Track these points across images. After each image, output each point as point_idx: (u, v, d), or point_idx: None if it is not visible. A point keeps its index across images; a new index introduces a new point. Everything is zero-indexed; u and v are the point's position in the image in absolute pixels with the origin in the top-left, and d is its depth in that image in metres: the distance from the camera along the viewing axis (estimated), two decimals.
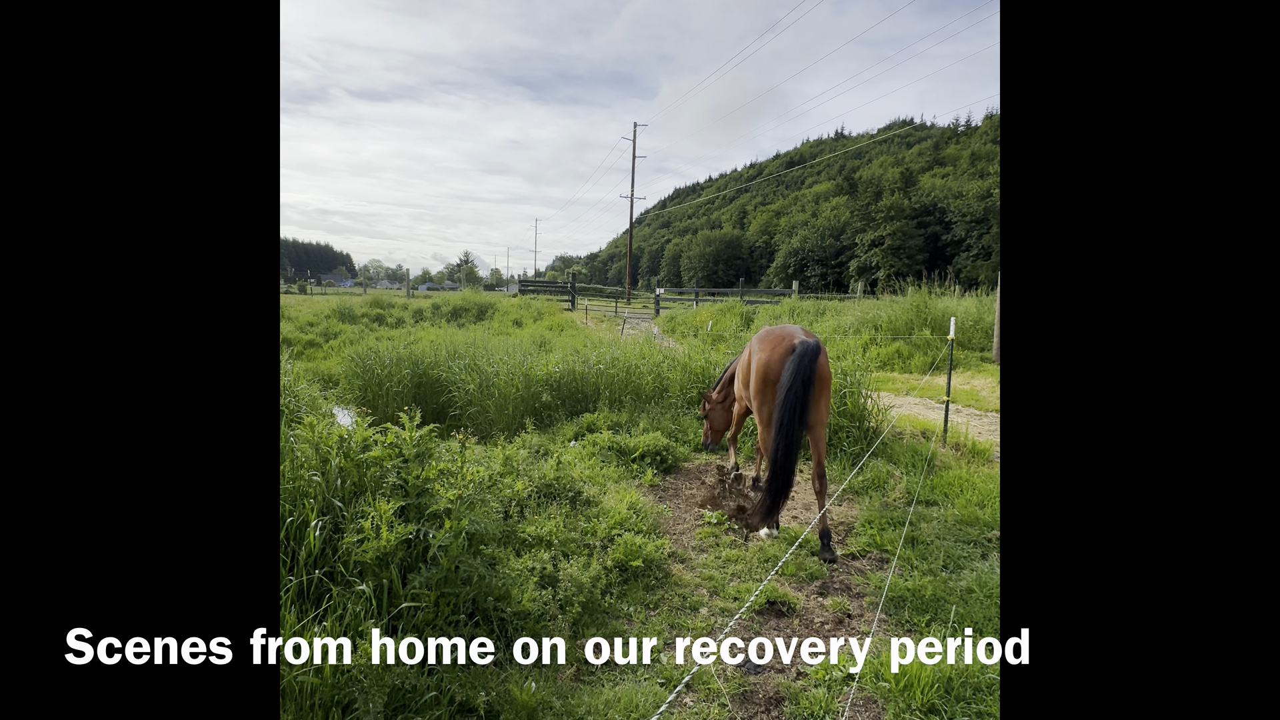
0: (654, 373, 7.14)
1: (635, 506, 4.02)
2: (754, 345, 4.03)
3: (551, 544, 3.28)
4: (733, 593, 3.25)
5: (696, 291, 26.03)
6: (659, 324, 19.62)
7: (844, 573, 3.55)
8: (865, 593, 3.33)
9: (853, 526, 4.20)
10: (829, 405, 3.82)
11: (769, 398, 3.76)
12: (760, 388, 3.81)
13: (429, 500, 2.71)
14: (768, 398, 3.77)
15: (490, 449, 4.68)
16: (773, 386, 3.72)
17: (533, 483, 3.98)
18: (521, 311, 18.67)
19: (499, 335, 12.45)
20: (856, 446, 5.51)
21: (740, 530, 4.13)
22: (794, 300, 16.98)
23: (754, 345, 4.03)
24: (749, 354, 4.13)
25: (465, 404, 6.96)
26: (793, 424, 3.46)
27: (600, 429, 5.89)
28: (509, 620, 2.62)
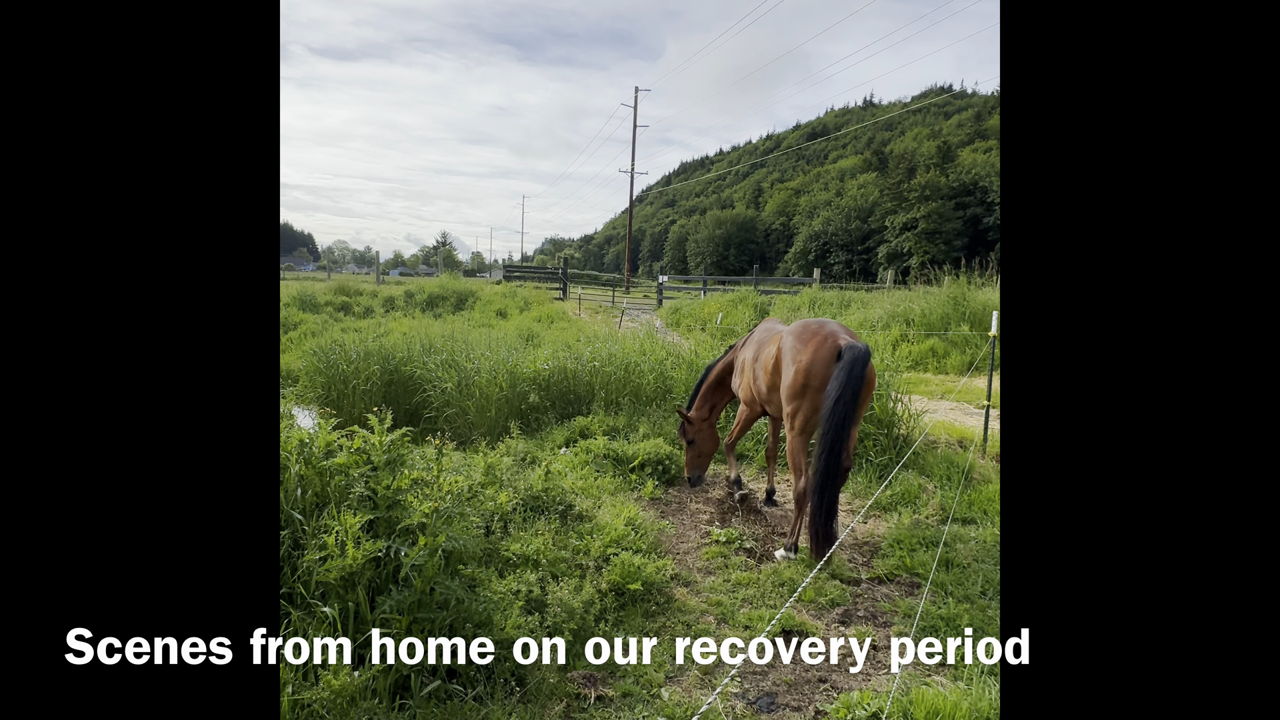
0: (656, 371, 7.16)
1: (634, 522, 4.04)
2: (787, 341, 3.97)
3: (539, 564, 3.29)
4: (743, 620, 3.26)
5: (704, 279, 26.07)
6: (662, 316, 19.66)
7: (869, 599, 3.56)
8: (893, 621, 3.35)
9: (879, 547, 4.21)
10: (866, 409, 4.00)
11: (807, 404, 3.79)
12: (798, 391, 3.82)
13: (401, 514, 2.72)
14: (805, 404, 3.80)
15: (470, 456, 4.69)
16: (815, 393, 3.74)
17: (518, 494, 3.99)
18: (506, 301, 18.68)
19: (480, 327, 12.46)
20: (884, 457, 5.53)
21: (754, 550, 4.14)
22: (815, 290, 17.01)
23: (787, 341, 3.97)
24: (776, 350, 4.08)
25: (442, 405, 6.97)
26: (840, 440, 3.51)
27: (594, 434, 5.90)
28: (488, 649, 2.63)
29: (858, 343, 3.70)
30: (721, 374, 5.02)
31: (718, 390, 5.05)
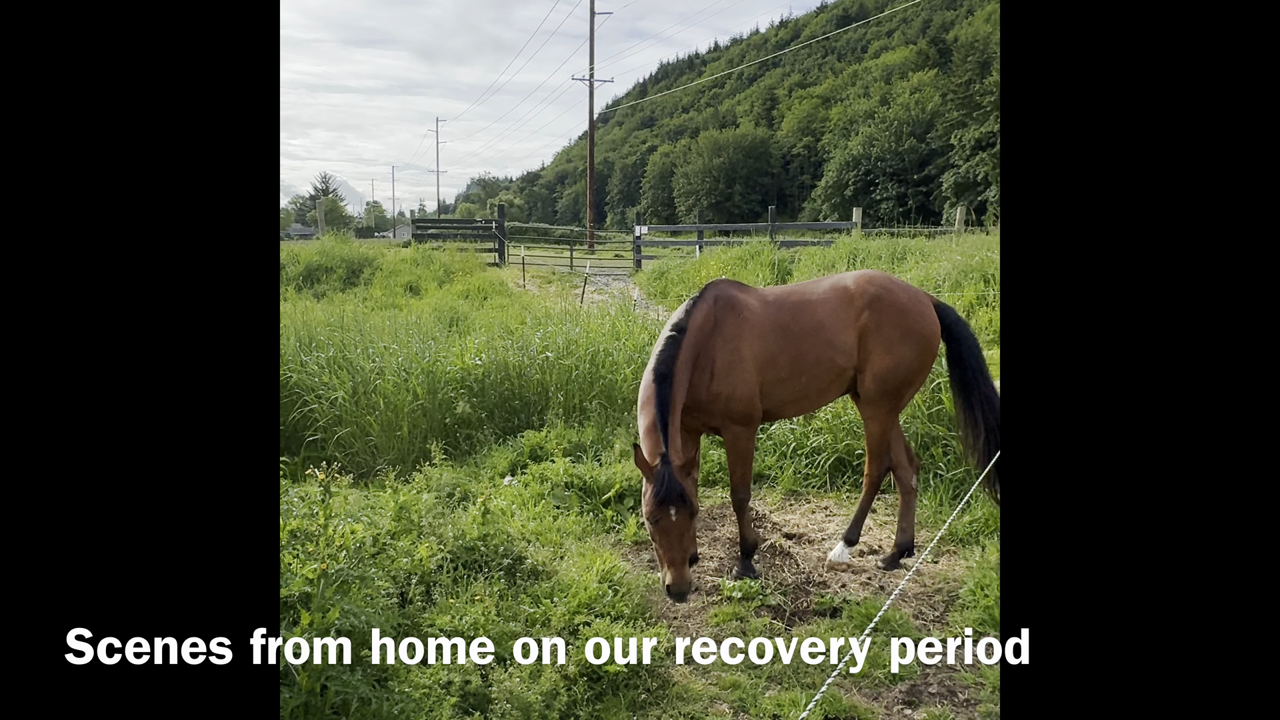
0: (636, 362, 7.16)
1: (611, 578, 4.04)
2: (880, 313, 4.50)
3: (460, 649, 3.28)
4: (770, 708, 3.29)
5: (700, 229, 26.14)
6: (641, 283, 19.68)
7: (944, 669, 3.61)
8: (979, 699, 3.39)
9: (956, 595, 4.26)
10: None
11: (923, 377, 4.69)
12: (926, 365, 4.62)
13: None
14: (923, 377, 4.68)
15: (374, 494, 4.65)
16: (931, 361, 4.68)
17: (445, 546, 3.97)
18: (419, 270, 18.57)
19: (383, 310, 12.37)
20: (959, 469, 5.59)
21: (781, 608, 4.17)
22: (856, 237, 17.12)
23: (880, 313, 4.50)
24: (859, 326, 4.50)
25: (331, 423, 6.92)
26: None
27: (551, 455, 5.90)
28: None
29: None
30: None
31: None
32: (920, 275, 12.42)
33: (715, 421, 4.38)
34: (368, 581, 2.97)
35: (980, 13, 78.79)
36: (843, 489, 5.93)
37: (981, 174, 51.27)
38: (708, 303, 4.35)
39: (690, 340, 4.20)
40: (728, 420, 4.36)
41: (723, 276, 4.68)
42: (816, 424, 6.25)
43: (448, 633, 3.32)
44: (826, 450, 6.12)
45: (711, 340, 4.26)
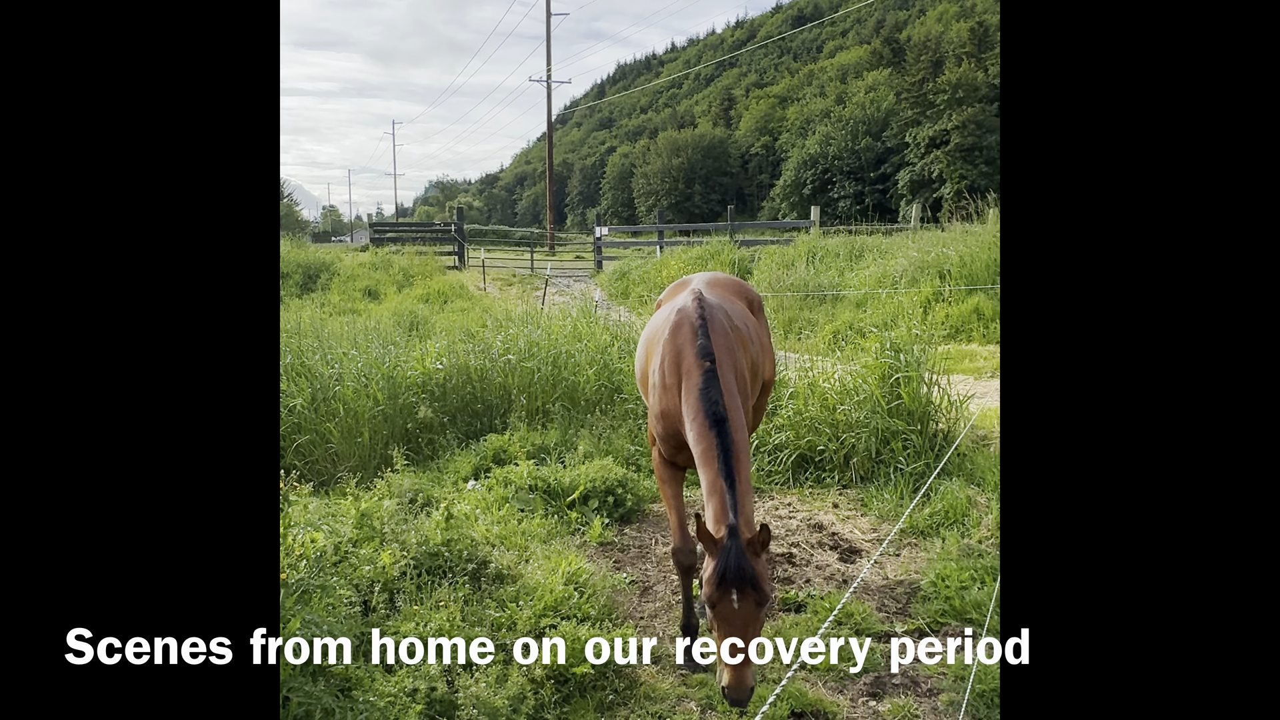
0: (598, 363, 7.17)
1: (577, 580, 4.04)
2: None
3: (441, 650, 3.26)
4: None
5: (660, 229, 26.17)
6: (603, 284, 19.69)
7: (907, 660, 3.66)
8: (941, 688, 3.45)
9: (917, 586, 4.33)
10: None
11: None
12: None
13: None
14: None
15: (334, 501, 4.60)
16: None
17: (408, 552, 3.94)
18: (377, 274, 18.42)
19: (341, 315, 12.23)
20: (919, 462, 5.68)
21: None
22: (815, 236, 17.30)
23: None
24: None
25: (290, 430, 6.81)
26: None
27: (515, 458, 5.88)
28: None
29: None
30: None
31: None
32: (877, 272, 12.58)
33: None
34: (329, 590, 2.94)
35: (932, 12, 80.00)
36: (805, 485, 5.99)
37: (936, 171, 52.02)
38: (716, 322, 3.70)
39: (726, 366, 3.53)
40: None
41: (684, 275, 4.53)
42: (779, 421, 6.31)
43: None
44: (789, 447, 6.18)
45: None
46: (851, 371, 6.57)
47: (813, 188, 61.55)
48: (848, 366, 6.84)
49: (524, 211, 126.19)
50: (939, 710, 3.31)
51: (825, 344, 10.04)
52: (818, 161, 62.17)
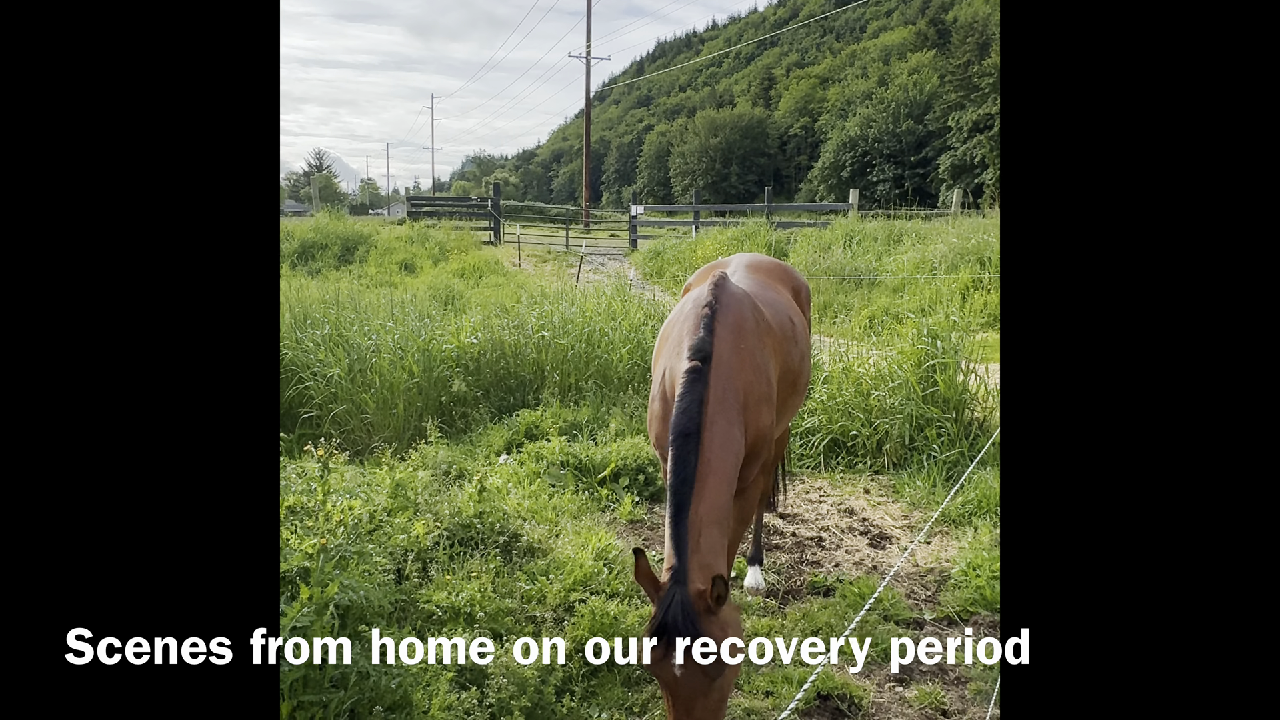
0: (631, 342, 7.17)
1: (606, 555, 4.07)
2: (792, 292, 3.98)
3: (475, 619, 3.31)
4: (764, 685, 3.33)
5: (696, 209, 26.04)
6: (636, 263, 19.64)
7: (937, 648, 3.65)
8: (970, 676, 3.44)
9: (948, 575, 4.31)
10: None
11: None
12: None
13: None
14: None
15: (370, 471, 4.66)
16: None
17: (441, 523, 3.99)
18: (413, 248, 18.51)
19: (378, 287, 12.33)
20: (953, 450, 5.63)
21: (775, 587, 4.21)
22: (853, 219, 17.10)
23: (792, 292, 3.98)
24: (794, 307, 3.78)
25: (327, 400, 6.91)
26: None
27: (547, 434, 5.91)
28: None
29: None
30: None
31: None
32: (915, 257, 12.42)
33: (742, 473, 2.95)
34: (365, 557, 2.99)
35: None
36: (836, 469, 5.97)
37: (979, 156, 51.10)
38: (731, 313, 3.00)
39: (728, 369, 2.84)
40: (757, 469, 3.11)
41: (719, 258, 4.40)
42: (811, 405, 6.28)
43: (445, 610, 3.35)
44: (821, 431, 6.16)
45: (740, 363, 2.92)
46: (887, 357, 6.52)
47: (852, 170, 60.83)
48: (883, 352, 6.78)
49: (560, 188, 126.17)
50: (966, 699, 3.30)
51: (860, 329, 9.96)
52: (857, 144, 61.38)
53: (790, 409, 3.50)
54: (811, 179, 67.30)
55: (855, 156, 61.41)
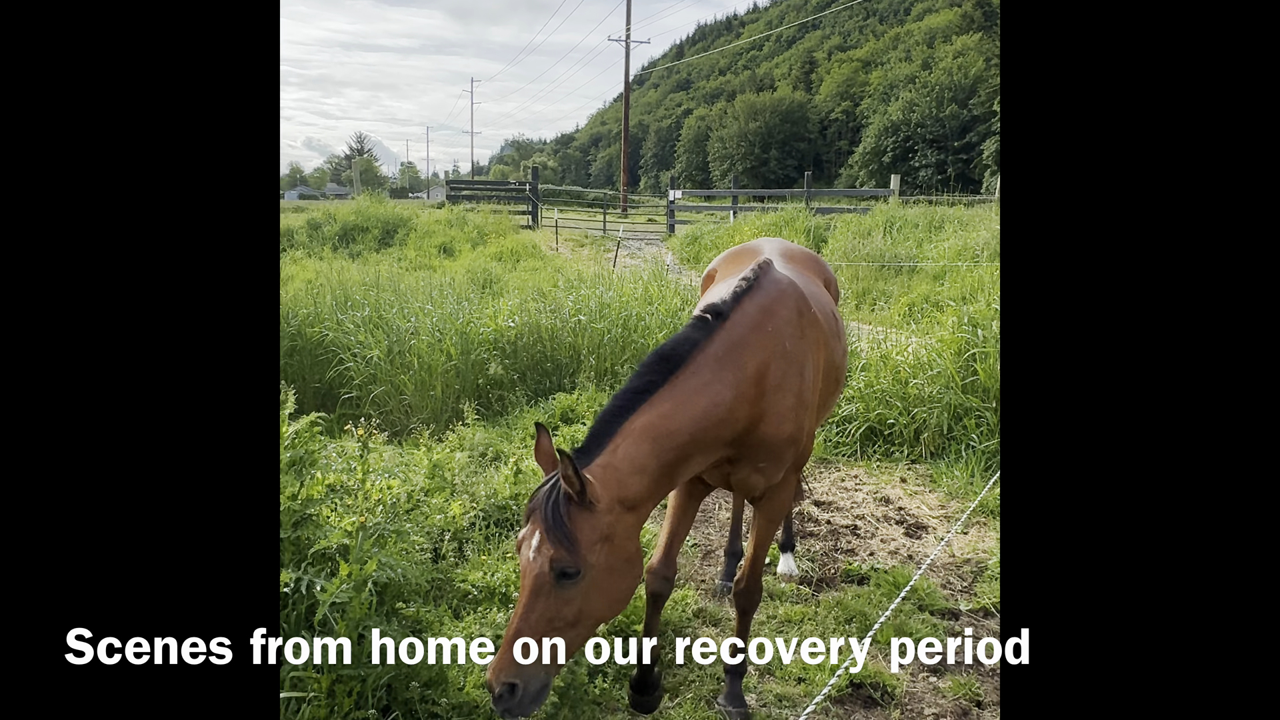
0: (668, 326, 7.16)
1: (641, 539, 4.08)
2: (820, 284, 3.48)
3: (510, 599, 3.35)
4: (796, 672, 3.33)
5: (734, 194, 25.89)
6: (674, 248, 19.59)
7: (971, 639, 3.61)
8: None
9: (985, 566, 4.26)
10: None
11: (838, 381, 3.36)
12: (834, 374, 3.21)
13: (313, 533, 2.76)
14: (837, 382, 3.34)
15: (409, 451, 4.73)
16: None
17: (477, 504, 4.04)
18: (452, 231, 18.63)
19: (417, 270, 12.45)
20: (992, 441, 5.55)
21: (809, 574, 4.20)
22: (893, 205, 16.88)
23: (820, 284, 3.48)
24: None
25: (366, 381, 7.01)
26: None
27: (583, 417, 5.94)
28: (444, 716, 2.69)
29: None
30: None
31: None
32: (957, 245, 12.23)
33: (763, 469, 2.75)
34: (403, 536, 3.04)
35: None
36: (873, 458, 5.92)
37: None
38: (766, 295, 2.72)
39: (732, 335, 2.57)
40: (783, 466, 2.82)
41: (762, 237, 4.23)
42: (848, 393, 6.23)
43: (480, 590, 3.39)
44: (858, 419, 6.11)
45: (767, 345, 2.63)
46: (926, 345, 6.44)
47: (893, 155, 60.03)
48: (922, 340, 6.70)
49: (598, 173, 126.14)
50: (998, 689, 3.26)
51: (900, 316, 9.85)
52: (900, 128, 60.53)
53: (829, 405, 3.31)
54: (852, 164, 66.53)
55: (897, 141, 60.59)
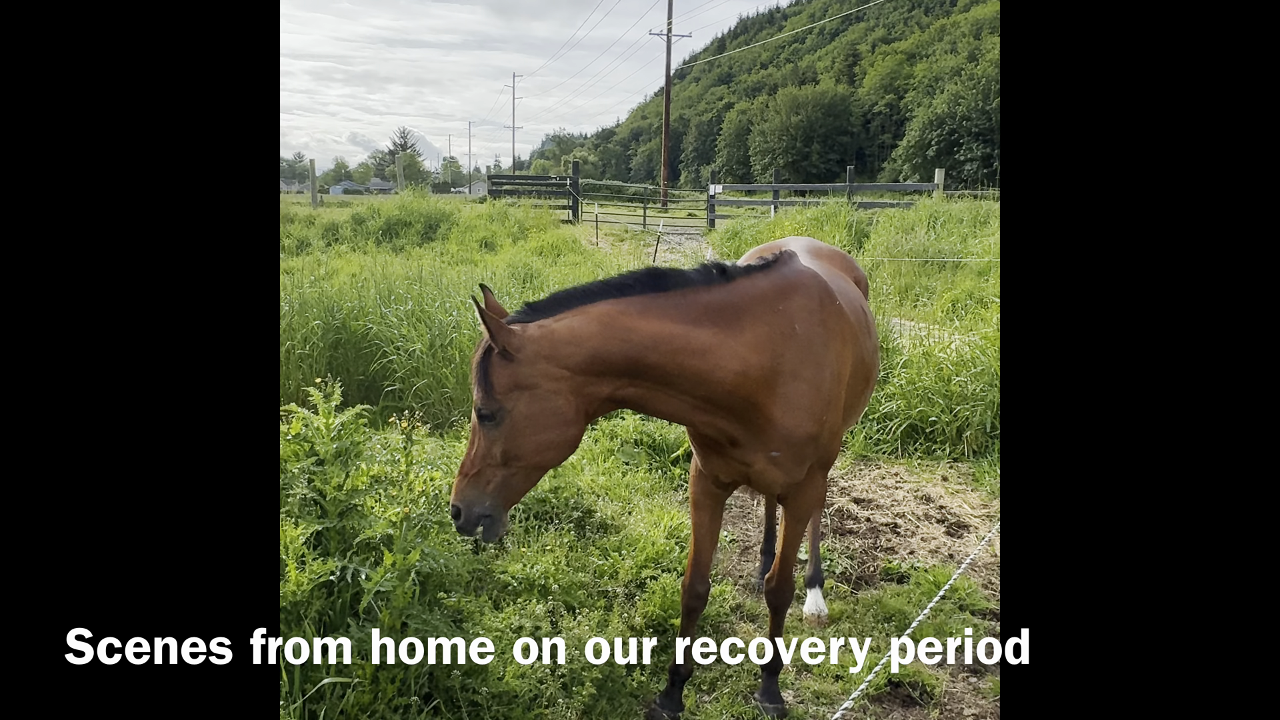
0: None
1: (678, 534, 4.10)
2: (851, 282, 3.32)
3: (549, 591, 3.38)
4: (834, 669, 3.32)
5: (775, 189, 25.70)
6: (714, 242, 19.52)
7: None
8: None
9: None
10: None
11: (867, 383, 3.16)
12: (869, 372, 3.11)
13: (358, 523, 2.80)
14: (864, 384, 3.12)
15: (450, 443, 4.78)
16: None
17: None
18: (494, 226, 18.76)
19: (459, 264, 12.56)
20: None
21: (848, 572, 4.18)
22: (938, 199, 16.64)
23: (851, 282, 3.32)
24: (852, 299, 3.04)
25: (409, 374, 7.09)
26: None
27: (621, 413, 5.95)
28: (484, 705, 2.73)
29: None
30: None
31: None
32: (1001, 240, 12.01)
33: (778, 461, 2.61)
34: (445, 527, 3.08)
35: None
36: (914, 456, 5.86)
37: None
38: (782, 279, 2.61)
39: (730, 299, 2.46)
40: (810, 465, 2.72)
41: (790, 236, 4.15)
42: (889, 390, 6.17)
43: (520, 581, 3.43)
44: (899, 416, 6.05)
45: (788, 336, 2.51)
46: (970, 342, 6.35)
47: (938, 149, 59.07)
48: (966, 337, 6.60)
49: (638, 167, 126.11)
50: None
51: (943, 312, 9.71)
52: (945, 122, 59.52)
53: (860, 405, 3.16)
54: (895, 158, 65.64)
55: (942, 135, 59.58)
